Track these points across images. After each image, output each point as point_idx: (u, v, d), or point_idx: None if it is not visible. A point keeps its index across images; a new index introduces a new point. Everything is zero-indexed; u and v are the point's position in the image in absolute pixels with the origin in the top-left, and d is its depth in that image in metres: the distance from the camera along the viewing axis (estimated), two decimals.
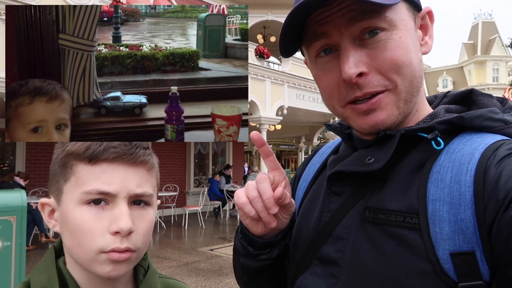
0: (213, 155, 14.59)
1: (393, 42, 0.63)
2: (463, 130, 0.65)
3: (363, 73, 0.63)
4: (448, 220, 0.56)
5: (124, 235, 0.66)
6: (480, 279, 0.54)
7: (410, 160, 0.65)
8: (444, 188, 0.58)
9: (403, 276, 0.58)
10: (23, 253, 3.93)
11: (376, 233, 0.63)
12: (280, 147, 33.54)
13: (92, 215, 0.66)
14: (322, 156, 0.89)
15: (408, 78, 0.64)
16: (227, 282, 5.76)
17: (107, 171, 0.67)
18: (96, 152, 0.67)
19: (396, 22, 0.63)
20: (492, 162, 0.56)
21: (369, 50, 0.63)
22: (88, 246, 0.66)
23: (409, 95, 0.66)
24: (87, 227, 0.66)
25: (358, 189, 0.69)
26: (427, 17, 0.71)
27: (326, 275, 0.69)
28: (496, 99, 0.72)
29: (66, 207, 0.68)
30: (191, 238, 9.10)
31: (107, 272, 0.67)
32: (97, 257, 0.66)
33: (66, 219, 0.68)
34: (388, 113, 0.65)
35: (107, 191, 0.66)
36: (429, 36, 0.70)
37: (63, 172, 0.69)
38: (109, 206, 0.68)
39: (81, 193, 0.66)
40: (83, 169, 0.67)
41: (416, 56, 0.65)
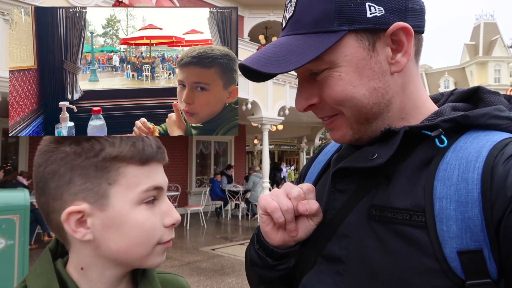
0: (215, 155, 14.59)
1: (332, 80, 0.66)
2: (470, 128, 0.64)
3: (314, 104, 0.71)
4: (455, 218, 0.56)
5: (177, 225, 0.73)
6: (488, 277, 0.54)
7: (415, 158, 0.65)
8: (451, 186, 0.58)
9: (409, 274, 0.58)
10: (26, 252, 3.95)
11: (383, 231, 0.63)
12: (282, 148, 33.52)
13: (150, 213, 0.69)
14: (327, 154, 0.90)
15: (352, 109, 0.67)
16: (229, 281, 5.78)
17: (154, 170, 0.71)
18: (152, 154, 0.70)
19: (337, 60, 0.65)
20: (500, 160, 0.56)
21: (319, 84, 0.69)
22: (149, 242, 0.69)
23: (362, 119, 0.68)
24: (149, 225, 0.68)
25: (362, 186, 0.69)
26: (401, 33, 0.65)
27: (331, 272, 0.69)
28: (503, 97, 0.71)
29: (120, 210, 0.67)
30: (193, 237, 9.11)
31: (159, 261, 0.72)
32: (154, 250, 0.70)
33: (121, 222, 0.67)
34: (342, 132, 0.71)
35: (160, 185, 0.71)
36: (403, 53, 0.66)
37: (105, 176, 0.66)
38: (156, 202, 0.71)
39: (139, 193, 0.67)
40: (135, 170, 0.68)
41: (368, 87, 0.66)
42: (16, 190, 4.59)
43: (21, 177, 8.32)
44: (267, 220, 0.73)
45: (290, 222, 0.71)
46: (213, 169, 14.22)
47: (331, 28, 0.63)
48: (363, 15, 0.63)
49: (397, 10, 0.65)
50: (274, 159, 33.13)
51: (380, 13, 0.64)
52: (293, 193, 0.71)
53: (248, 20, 15.26)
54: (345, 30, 0.63)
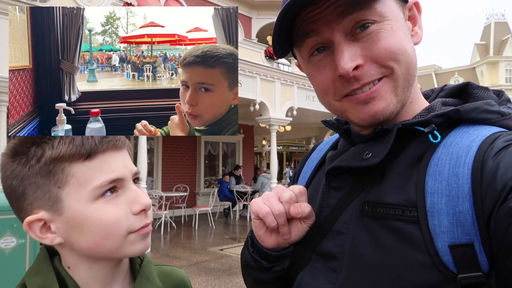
0: (223, 156, 14.63)
1: (386, 32, 0.64)
2: (460, 123, 0.65)
3: (359, 65, 0.64)
4: (447, 213, 0.56)
5: (147, 210, 0.70)
6: (479, 270, 0.54)
7: (408, 154, 0.66)
8: (442, 181, 0.58)
9: (402, 269, 0.58)
10: (37, 250, 3.97)
11: (375, 227, 0.63)
12: (290, 148, 33.44)
13: (110, 206, 0.67)
14: (321, 152, 0.89)
15: (404, 65, 0.65)
16: (237, 281, 5.78)
17: (106, 161, 0.68)
18: (92, 147, 0.66)
19: (386, 13, 0.65)
20: (490, 154, 0.57)
21: (362, 43, 0.64)
22: (116, 234, 0.67)
23: (406, 83, 0.66)
24: (112, 218, 0.66)
25: (357, 184, 0.70)
26: (415, 8, 0.72)
27: (326, 269, 0.69)
28: (492, 92, 0.72)
29: (76, 210, 0.66)
30: (201, 238, 9.13)
31: (140, 249, 0.70)
32: (127, 240, 0.68)
33: (81, 221, 0.66)
34: (387, 101, 0.65)
35: (117, 177, 0.68)
36: (418, 27, 0.72)
37: (53, 180, 0.65)
38: (119, 192, 0.69)
39: (92, 190, 0.66)
40: (81, 167, 0.66)
41: (409, 45, 0.67)
42: None
43: None
44: (260, 224, 0.73)
45: (283, 225, 0.71)
46: (221, 170, 14.25)
47: None
48: None
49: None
50: (282, 160, 33.08)
51: None
52: (284, 196, 0.70)
53: (256, 21, 15.27)
54: None
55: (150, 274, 0.78)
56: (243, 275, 0.86)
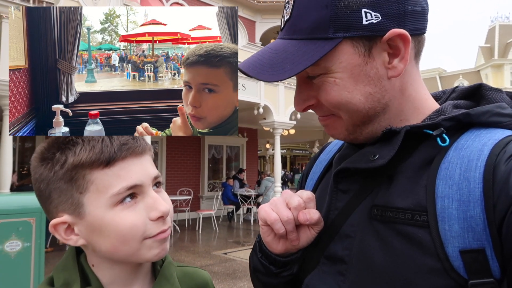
0: (227, 159, 14.64)
1: (327, 85, 0.66)
2: (472, 126, 0.64)
3: (313, 104, 0.71)
4: (457, 217, 0.56)
5: (166, 217, 0.71)
6: (490, 276, 0.53)
7: (417, 157, 0.65)
8: (453, 185, 0.57)
9: (412, 274, 0.57)
10: (42, 254, 3.99)
11: (385, 231, 0.62)
12: (294, 152, 33.45)
13: (129, 212, 0.68)
14: (329, 154, 0.89)
15: (348, 113, 0.67)
16: (241, 285, 5.76)
17: (125, 168, 0.69)
18: (111, 154, 0.67)
19: (332, 67, 0.65)
20: (502, 159, 0.56)
21: (316, 86, 0.69)
22: (133, 240, 0.68)
23: (358, 122, 0.69)
24: (129, 224, 0.68)
25: (365, 187, 0.69)
26: (398, 39, 0.64)
27: (334, 273, 0.69)
28: (505, 94, 0.71)
29: (96, 215, 0.68)
30: (205, 241, 9.12)
31: (157, 254, 0.71)
32: (143, 245, 0.69)
33: (100, 226, 0.68)
34: (337, 131, 0.72)
35: (135, 184, 0.69)
36: (400, 58, 0.65)
37: (75, 186, 0.68)
38: (138, 199, 0.70)
39: (110, 197, 0.67)
40: (101, 174, 0.67)
41: (363, 92, 0.66)
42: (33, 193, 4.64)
43: None
44: (268, 230, 0.72)
45: (291, 232, 0.70)
46: (225, 174, 14.25)
47: (327, 35, 0.63)
48: (359, 22, 0.62)
49: (395, 15, 0.63)
50: (286, 164, 33.08)
51: (377, 19, 0.62)
52: (293, 202, 0.69)
53: (259, 25, 15.30)
54: (340, 37, 0.63)
55: (170, 276, 0.79)
56: (252, 279, 0.85)
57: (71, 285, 0.70)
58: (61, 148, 0.68)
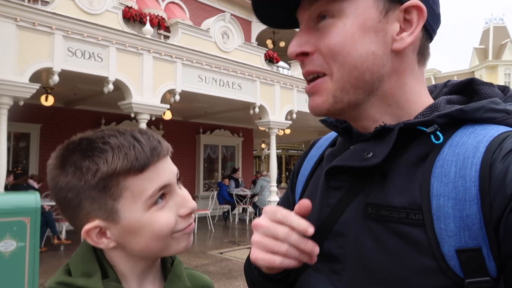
0: (223, 159, 14.62)
1: (335, 30, 0.64)
2: (466, 122, 0.63)
3: (308, 53, 0.67)
4: (453, 216, 0.55)
5: (193, 212, 0.76)
6: (487, 275, 0.53)
7: (410, 154, 0.64)
8: (448, 183, 0.56)
9: (408, 274, 0.57)
10: (36, 254, 3.98)
11: (380, 230, 0.61)
12: (289, 152, 33.46)
13: (162, 212, 0.72)
14: (319, 149, 0.87)
15: (345, 68, 0.64)
16: (237, 285, 5.78)
17: (155, 171, 0.71)
18: (145, 161, 0.69)
19: (347, 10, 0.64)
20: (498, 156, 0.55)
21: (319, 33, 0.66)
22: (165, 236, 0.72)
23: (347, 85, 0.65)
24: (164, 222, 0.71)
25: (357, 184, 0.67)
26: (414, 12, 0.65)
27: (328, 271, 0.67)
28: (497, 88, 0.70)
29: (132, 219, 0.70)
30: (200, 241, 9.12)
31: (184, 246, 0.77)
32: (173, 239, 0.74)
33: (136, 228, 0.71)
34: (323, 99, 0.67)
35: (165, 184, 0.72)
36: (409, 33, 0.65)
37: (108, 194, 0.69)
38: (167, 198, 0.74)
39: (145, 201, 0.70)
40: (135, 180, 0.69)
41: (366, 48, 0.64)
42: (27, 193, 4.65)
43: (32, 180, 8.42)
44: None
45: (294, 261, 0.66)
46: (221, 173, 14.25)
47: None
48: None
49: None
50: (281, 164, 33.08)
51: None
52: (293, 240, 0.64)
53: (256, 25, 15.30)
54: None
55: (180, 274, 0.83)
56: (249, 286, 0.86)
57: (91, 275, 0.71)
58: (88, 156, 0.68)
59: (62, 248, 8.05)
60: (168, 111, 9.12)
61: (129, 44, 7.59)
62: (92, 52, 7.11)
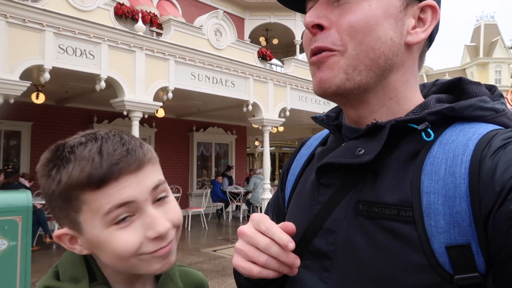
0: (216, 157, 14.61)
1: (359, 8, 0.64)
2: (455, 120, 0.64)
3: (324, 27, 0.66)
4: (443, 213, 0.55)
5: (163, 237, 0.68)
6: (475, 271, 0.53)
7: (401, 152, 0.64)
8: (438, 180, 0.57)
9: (398, 270, 0.57)
10: (28, 253, 3.95)
11: (371, 227, 0.61)
12: (283, 149, 33.51)
13: (125, 231, 0.67)
14: (309, 148, 0.87)
15: (362, 47, 0.64)
16: (230, 282, 5.78)
17: (116, 187, 0.66)
18: (101, 177, 0.64)
19: None
20: (487, 153, 0.56)
21: (339, 10, 0.65)
22: (128, 257, 0.67)
23: (361, 65, 0.65)
24: (122, 244, 0.66)
25: (348, 181, 0.68)
26: (429, 11, 0.68)
27: (318, 268, 0.67)
28: (484, 87, 0.71)
29: (92, 233, 0.67)
30: (194, 239, 9.13)
31: (157, 269, 0.70)
32: (140, 260, 0.68)
33: (98, 244, 0.68)
34: (333, 73, 0.66)
35: (125, 201, 0.66)
36: (423, 30, 0.68)
37: (70, 205, 0.67)
38: (135, 217, 0.68)
39: (102, 218, 0.66)
40: (92, 195, 0.65)
41: (385, 33, 0.65)
42: (19, 191, 4.60)
43: (23, 179, 8.35)
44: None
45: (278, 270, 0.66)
46: (214, 171, 14.24)
47: None
48: None
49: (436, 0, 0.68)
50: (275, 161, 33.13)
51: None
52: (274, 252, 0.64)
53: (248, 22, 15.30)
54: None
55: (173, 275, 0.81)
56: None
57: (78, 280, 0.70)
58: (57, 165, 0.66)
59: (54, 247, 7.99)
60: (161, 108, 9.10)
61: (121, 41, 7.54)
62: (84, 49, 7.05)
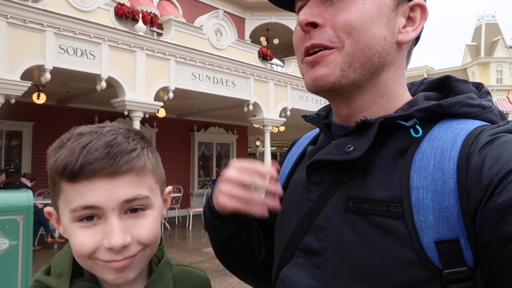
0: (217, 156, 14.62)
1: (355, 6, 0.65)
2: (443, 117, 0.65)
3: (318, 25, 0.67)
4: (432, 208, 0.56)
5: (116, 251, 0.66)
6: (464, 265, 0.54)
7: (390, 148, 0.65)
8: (427, 176, 0.58)
9: (388, 266, 0.58)
10: (29, 252, 3.95)
11: (361, 223, 0.62)
12: (284, 149, 33.51)
13: (85, 231, 0.67)
14: (300, 147, 0.88)
15: (358, 45, 0.65)
16: (231, 281, 5.79)
17: (87, 187, 0.65)
18: (72, 171, 0.64)
19: None
20: (475, 149, 0.57)
21: (333, 8, 0.66)
22: (84, 257, 0.68)
23: (357, 62, 0.66)
24: (78, 243, 0.66)
25: (338, 178, 0.68)
26: (418, 10, 0.70)
27: (309, 265, 0.68)
28: (471, 85, 0.72)
29: (63, 222, 0.70)
30: (195, 239, 9.14)
31: (111, 279, 0.68)
32: (96, 264, 0.68)
33: (67, 234, 0.70)
34: (329, 70, 0.66)
35: (91, 205, 0.65)
36: (413, 29, 0.70)
37: (54, 189, 0.69)
38: (101, 221, 0.67)
39: (69, 212, 0.66)
40: (66, 187, 0.66)
41: (379, 31, 0.66)
42: (20, 191, 4.61)
43: (25, 179, 8.36)
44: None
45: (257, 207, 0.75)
46: (215, 171, 14.25)
47: None
48: None
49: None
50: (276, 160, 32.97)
51: None
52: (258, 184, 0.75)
53: (249, 22, 15.30)
54: None
55: (165, 275, 0.79)
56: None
57: (62, 275, 0.72)
58: (57, 147, 0.68)
59: (55, 247, 8.01)
60: (162, 108, 9.10)
61: (122, 42, 7.55)
62: (84, 49, 7.06)
